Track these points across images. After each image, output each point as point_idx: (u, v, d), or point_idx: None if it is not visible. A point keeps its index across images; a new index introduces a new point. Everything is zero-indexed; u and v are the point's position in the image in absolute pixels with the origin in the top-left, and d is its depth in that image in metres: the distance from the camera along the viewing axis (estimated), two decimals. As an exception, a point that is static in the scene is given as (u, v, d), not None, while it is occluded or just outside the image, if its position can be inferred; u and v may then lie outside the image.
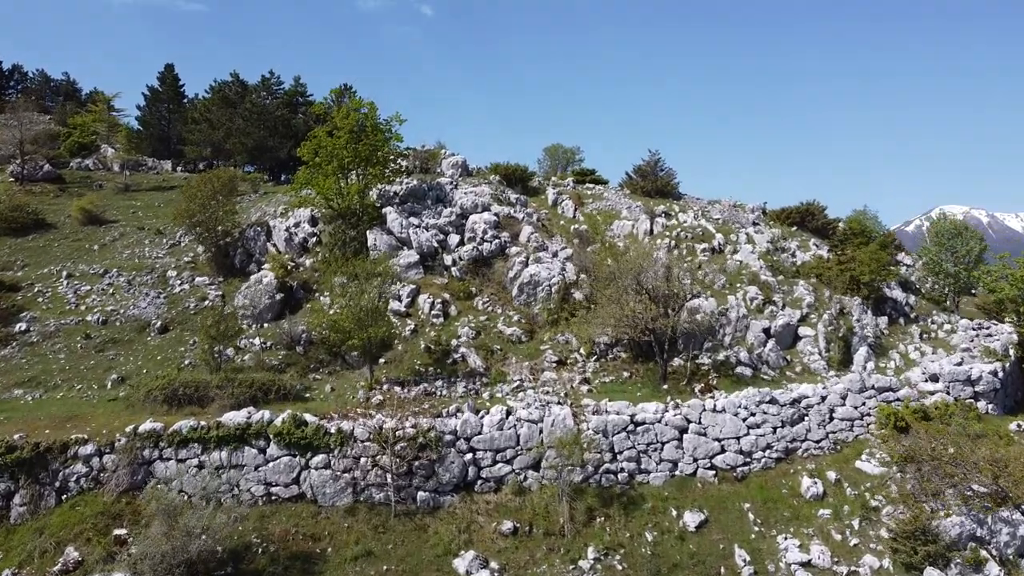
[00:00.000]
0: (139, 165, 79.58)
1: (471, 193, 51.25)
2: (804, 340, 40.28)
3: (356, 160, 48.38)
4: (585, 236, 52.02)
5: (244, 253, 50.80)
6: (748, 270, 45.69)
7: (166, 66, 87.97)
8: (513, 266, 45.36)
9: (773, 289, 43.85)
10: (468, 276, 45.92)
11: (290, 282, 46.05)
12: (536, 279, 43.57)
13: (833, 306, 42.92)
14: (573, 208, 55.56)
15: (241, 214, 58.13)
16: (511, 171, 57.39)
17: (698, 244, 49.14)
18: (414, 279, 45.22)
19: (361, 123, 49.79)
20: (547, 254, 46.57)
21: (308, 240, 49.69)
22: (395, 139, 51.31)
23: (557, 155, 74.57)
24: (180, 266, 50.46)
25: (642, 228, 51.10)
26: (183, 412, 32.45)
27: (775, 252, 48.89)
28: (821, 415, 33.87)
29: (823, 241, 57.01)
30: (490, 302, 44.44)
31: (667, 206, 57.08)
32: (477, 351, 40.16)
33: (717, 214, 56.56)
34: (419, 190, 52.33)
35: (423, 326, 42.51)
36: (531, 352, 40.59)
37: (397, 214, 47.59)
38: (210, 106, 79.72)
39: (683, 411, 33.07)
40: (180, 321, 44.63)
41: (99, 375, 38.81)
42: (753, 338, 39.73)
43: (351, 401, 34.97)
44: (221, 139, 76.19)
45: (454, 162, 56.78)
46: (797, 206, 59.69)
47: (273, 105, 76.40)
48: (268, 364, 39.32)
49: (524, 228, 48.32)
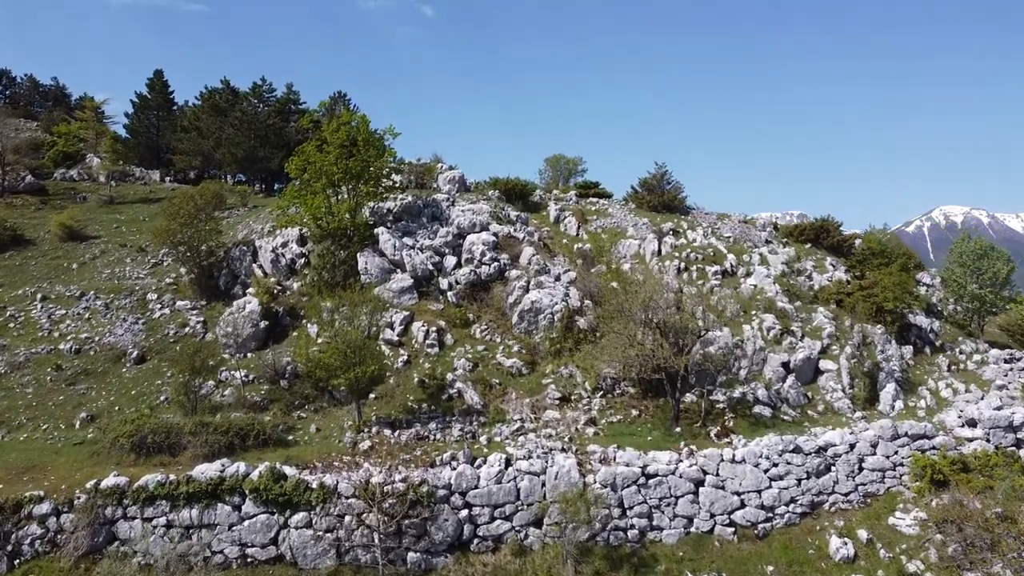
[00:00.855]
0: (126, 175, 76.88)
1: (468, 211, 48.48)
2: (826, 375, 37.45)
3: (347, 177, 45.63)
4: (589, 256, 49.26)
5: (229, 274, 48.03)
6: (763, 296, 42.89)
7: (155, 72, 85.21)
8: (513, 291, 42.58)
9: (791, 317, 41.03)
10: (465, 301, 43.15)
11: (276, 307, 43.28)
12: (538, 306, 40.79)
13: (855, 336, 40.14)
14: (576, 226, 52.77)
15: (228, 231, 55.45)
16: (511, 186, 54.57)
17: (709, 266, 46.33)
18: (407, 305, 42.45)
19: (352, 137, 47.04)
20: (549, 278, 43.77)
21: (296, 261, 46.88)
22: (388, 154, 48.55)
23: (559, 166, 71.79)
24: (161, 288, 47.70)
25: (649, 248, 48.29)
26: (151, 462, 29.66)
27: (791, 274, 46.09)
28: (849, 465, 31.04)
29: (839, 260, 54.23)
30: (488, 330, 41.68)
31: (675, 223, 54.29)
32: (474, 385, 37.42)
33: (727, 231, 53.78)
34: (414, 207, 49.56)
35: (417, 356, 39.76)
36: (532, 387, 37.81)
37: (390, 235, 44.79)
38: (200, 114, 77.04)
39: (699, 461, 30.22)
40: (158, 350, 41.87)
41: (68, 413, 36.06)
42: (771, 373, 36.93)
43: (337, 446, 32.18)
44: (211, 148, 73.47)
45: (451, 177, 53.98)
46: (811, 222, 56.92)
47: (264, 113, 73.60)
48: (249, 400, 36.58)
49: (525, 249, 45.53)
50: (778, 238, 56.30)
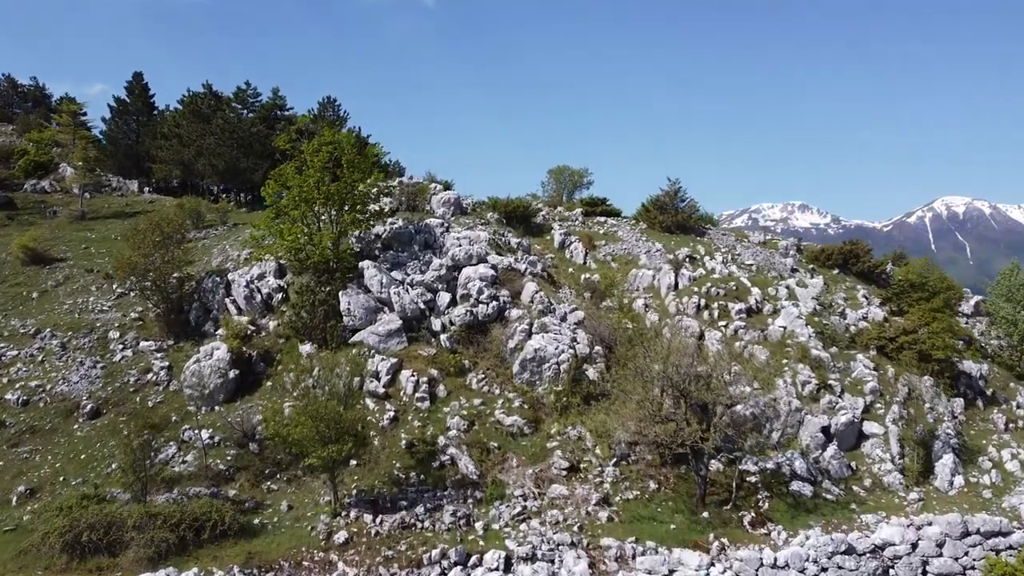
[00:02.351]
0: (102, 186, 72.13)
1: (465, 239, 43.75)
2: (871, 441, 32.85)
3: (329, 203, 40.97)
4: (598, 289, 44.56)
5: (201, 308, 43.39)
6: (794, 340, 38.24)
7: (134, 74, 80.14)
8: (514, 334, 37.95)
9: (827, 367, 36.38)
10: (460, 346, 38.52)
11: (249, 352, 38.62)
12: (542, 355, 36.17)
13: (900, 389, 35.56)
14: (583, 252, 48.03)
15: (202, 255, 50.79)
16: (512, 208, 49.74)
17: (732, 303, 41.64)
18: (395, 351, 37.84)
19: (336, 157, 42.31)
20: (554, 318, 39.11)
21: (273, 296, 42.17)
22: (375, 178, 43.82)
23: (563, 178, 66.84)
24: (125, 324, 43.05)
25: (665, 281, 43.58)
26: (87, 566, 25.16)
27: (823, 312, 41.42)
28: (912, 569, 26.43)
29: (870, 288, 49.56)
30: (487, 379, 37.10)
31: (691, 247, 49.58)
32: (469, 450, 32.91)
33: (749, 258, 49.05)
34: (405, 233, 44.85)
35: (405, 411, 35.23)
36: (535, 451, 33.27)
37: (376, 269, 40.09)
38: (180, 120, 72.06)
39: (734, 566, 25.64)
40: (116, 402, 37.34)
41: (5, 484, 31.62)
42: (809, 439, 32.36)
43: (309, 537, 27.64)
44: (192, 158, 68.63)
45: (445, 199, 49.17)
46: (840, 246, 52.17)
47: (248, 121, 68.63)
48: (213, 469, 32.07)
49: (527, 285, 40.84)
50: (803, 263, 51.62)
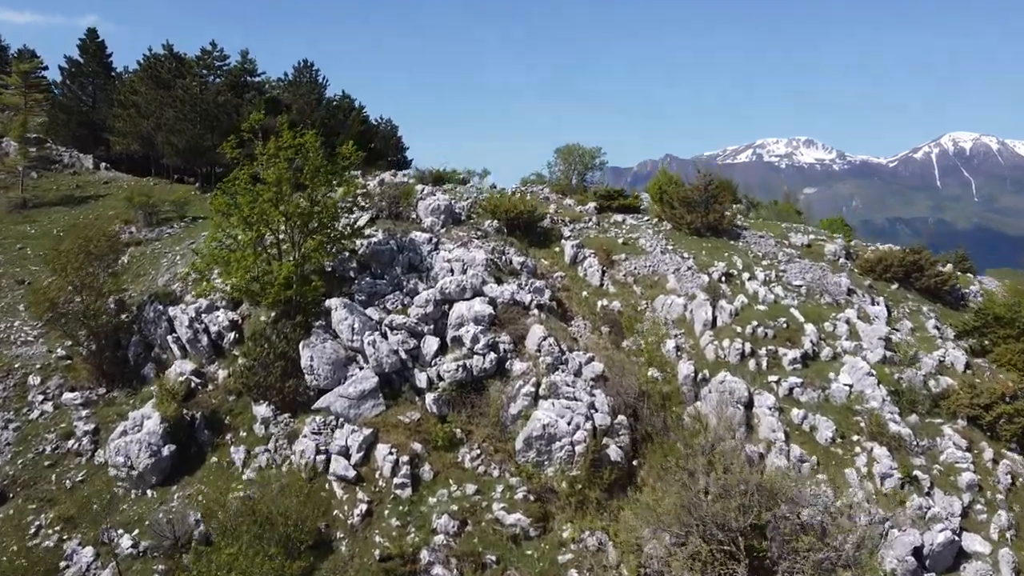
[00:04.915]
0: (51, 162, 63.83)
1: (457, 261, 35.89)
2: (975, 564, 25.71)
3: (290, 222, 33.13)
4: (618, 322, 37.01)
5: (141, 344, 36.06)
6: (864, 406, 30.82)
7: (88, 31, 71.07)
8: (516, 397, 30.60)
9: (909, 449, 29.06)
10: (451, 409, 31.16)
11: (192, 414, 31.45)
12: (551, 431, 28.85)
13: (1002, 478, 28.33)
14: (600, 271, 40.14)
15: (151, 265, 43.17)
16: (515, 215, 41.42)
17: (782, 347, 34.08)
18: (370, 418, 30.58)
19: (298, 165, 34.22)
20: (567, 374, 31.63)
21: (224, 336, 34.61)
22: (349, 189, 35.72)
23: (572, 158, 58.41)
24: (49, 366, 35.80)
25: (700, 316, 35.88)
26: None
27: (896, 363, 33.90)
28: None
29: (938, 309, 41.97)
30: (483, 455, 29.92)
31: (726, 260, 41.73)
32: (461, 564, 25.99)
33: (796, 275, 41.10)
34: (385, 251, 37.00)
35: (382, 502, 28.27)
36: (544, 567, 26.32)
37: (347, 310, 32.40)
38: (138, 87, 63.15)
39: None
40: (27, 482, 30.45)
41: None
42: (896, 562, 25.24)
43: None
44: (151, 131, 60.13)
45: (434, 206, 40.87)
46: (901, 255, 44.16)
47: (212, 91, 59.75)
48: (135, 593, 25.30)
49: (533, 329, 33.17)
50: (855, 273, 43.86)
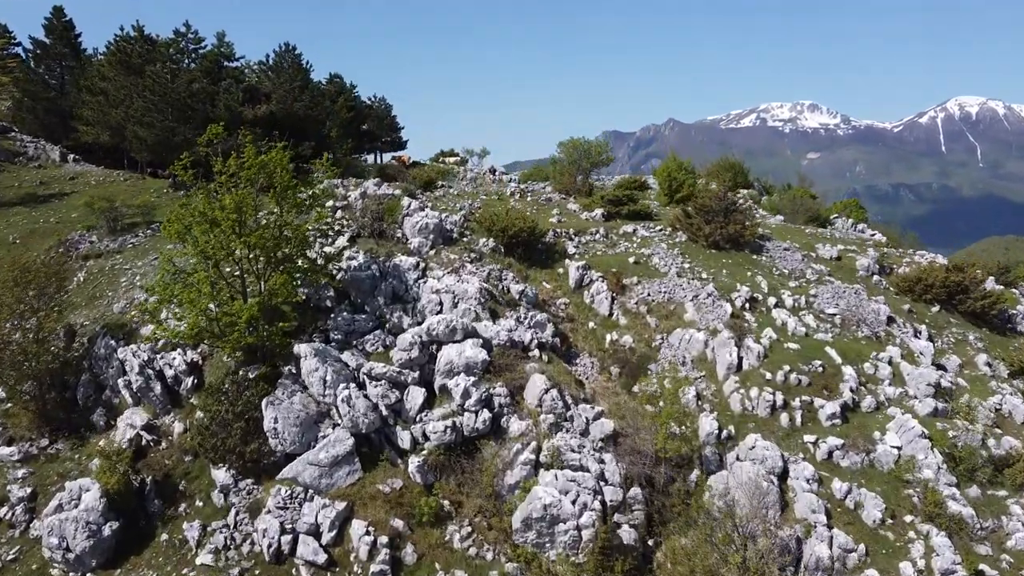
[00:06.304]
0: (16, 154, 59.18)
1: (447, 293, 31.50)
2: None
3: (253, 252, 28.63)
4: (630, 362, 32.69)
5: (91, 383, 31.89)
6: (915, 474, 26.64)
7: (54, 9, 65.39)
8: (514, 464, 26.47)
9: (971, 533, 24.95)
10: (437, 475, 27.06)
11: (141, 478, 27.39)
12: (554, 512, 24.74)
13: (1079, 570, 24.26)
14: (609, 299, 35.70)
15: (108, 285, 38.71)
16: (515, 232, 36.79)
17: (818, 398, 29.81)
18: (343, 488, 26.47)
19: (261, 184, 29.65)
20: (572, 435, 27.44)
21: (182, 381, 30.36)
22: (320, 216, 31.19)
23: (577, 154, 53.62)
24: (-13, 411, 31.64)
25: (724, 357, 31.52)
26: None
27: (948, 415, 29.65)
28: None
29: (984, 336, 37.73)
30: (474, 533, 25.90)
31: (750, 281, 37.35)
32: (446, 678, 22.10)
33: (828, 301, 36.70)
34: (365, 279, 32.59)
35: (356, 593, 24.25)
36: None
37: (319, 359, 28.05)
38: (107, 73, 58.05)
39: None
40: (-50, 560, 26.40)
41: None
42: None
43: None
44: (121, 121, 55.23)
45: (422, 224, 36.20)
46: (943, 274, 39.64)
47: (185, 78, 54.65)
48: None
49: (533, 379, 28.84)
50: (889, 292, 39.54)
